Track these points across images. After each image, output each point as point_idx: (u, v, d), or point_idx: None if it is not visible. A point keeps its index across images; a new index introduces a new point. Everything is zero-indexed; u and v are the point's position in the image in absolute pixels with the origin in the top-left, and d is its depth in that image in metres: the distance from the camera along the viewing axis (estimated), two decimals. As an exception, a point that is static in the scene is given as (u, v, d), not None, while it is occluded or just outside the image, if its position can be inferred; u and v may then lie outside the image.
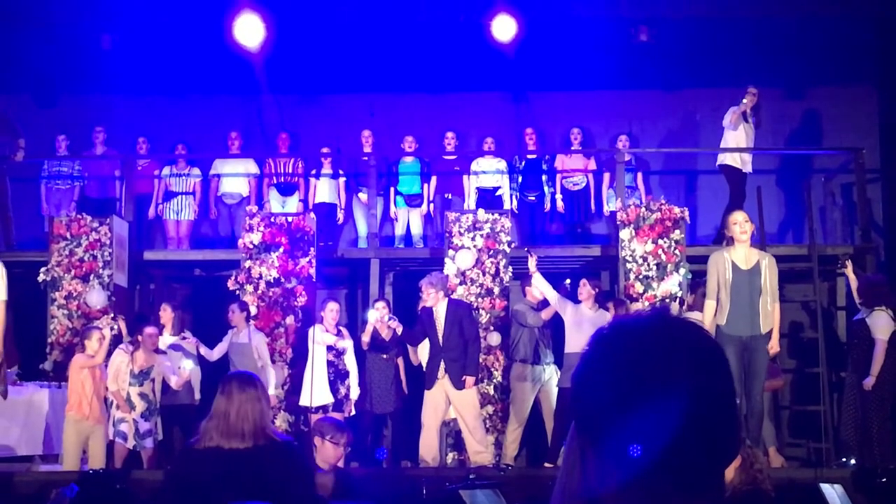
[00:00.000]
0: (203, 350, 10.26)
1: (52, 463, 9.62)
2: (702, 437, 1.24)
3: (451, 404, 9.32)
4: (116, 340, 10.14)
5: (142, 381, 9.77)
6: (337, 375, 9.93)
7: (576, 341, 9.42)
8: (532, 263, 9.80)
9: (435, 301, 9.32)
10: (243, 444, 4.06)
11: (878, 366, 8.95)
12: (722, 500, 1.27)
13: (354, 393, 9.99)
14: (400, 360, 10.43)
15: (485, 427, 9.82)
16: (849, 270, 9.96)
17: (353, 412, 9.97)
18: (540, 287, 9.86)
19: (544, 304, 10.07)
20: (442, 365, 9.20)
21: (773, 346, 8.44)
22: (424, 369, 9.56)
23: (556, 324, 10.00)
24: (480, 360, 9.76)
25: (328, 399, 9.77)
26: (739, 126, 11.65)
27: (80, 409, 9.17)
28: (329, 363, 9.90)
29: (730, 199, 11.54)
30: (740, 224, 8.38)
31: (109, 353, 9.86)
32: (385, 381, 10.22)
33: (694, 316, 9.00)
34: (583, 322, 9.54)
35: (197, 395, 10.28)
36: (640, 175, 12.75)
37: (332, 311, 10.09)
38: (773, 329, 8.37)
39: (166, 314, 10.52)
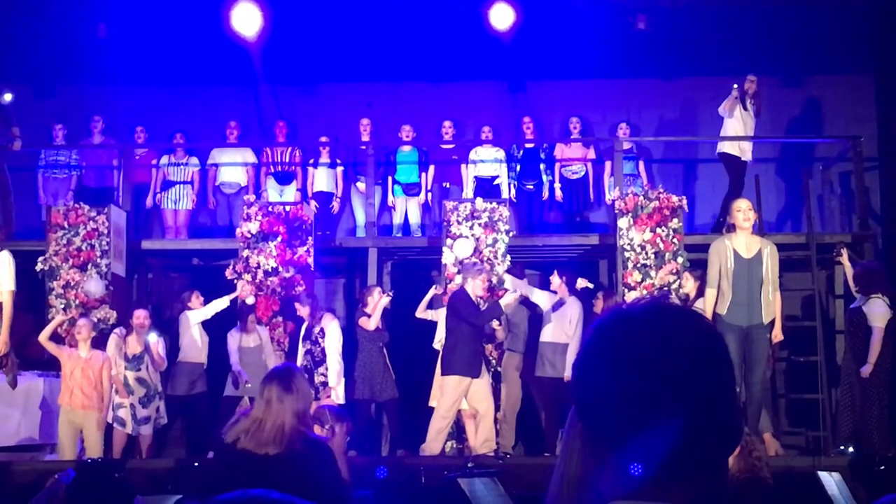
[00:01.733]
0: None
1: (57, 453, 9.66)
2: (704, 426, 1.23)
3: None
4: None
5: (137, 366, 9.80)
6: (312, 363, 9.88)
7: (548, 331, 9.96)
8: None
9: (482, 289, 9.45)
10: (274, 449, 4.09)
11: (875, 353, 8.92)
12: (725, 489, 1.27)
13: (333, 380, 9.85)
14: None
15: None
16: (844, 259, 9.93)
17: (335, 399, 9.63)
18: (530, 297, 10.19)
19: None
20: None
21: (777, 334, 8.44)
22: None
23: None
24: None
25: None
26: (735, 113, 11.58)
27: (69, 398, 9.21)
28: (307, 352, 9.89)
29: (729, 188, 11.52)
30: (744, 212, 8.35)
31: (103, 341, 9.90)
32: (384, 369, 10.19)
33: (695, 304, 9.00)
34: (550, 312, 9.99)
35: (203, 359, 10.45)
36: (641, 163, 12.73)
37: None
38: (776, 318, 8.36)
39: (198, 301, 10.63)
